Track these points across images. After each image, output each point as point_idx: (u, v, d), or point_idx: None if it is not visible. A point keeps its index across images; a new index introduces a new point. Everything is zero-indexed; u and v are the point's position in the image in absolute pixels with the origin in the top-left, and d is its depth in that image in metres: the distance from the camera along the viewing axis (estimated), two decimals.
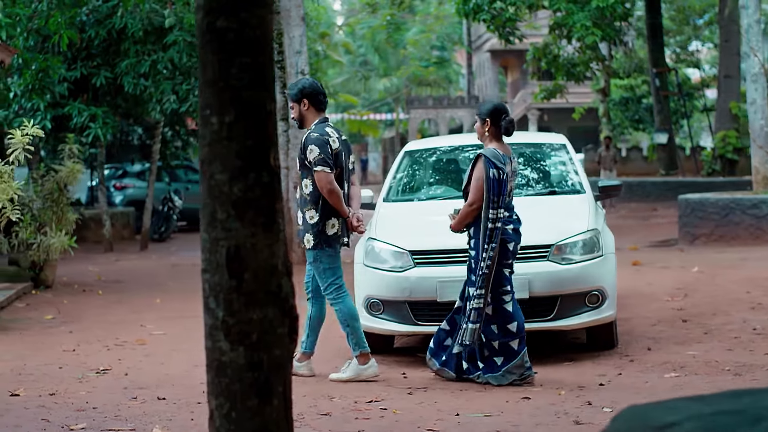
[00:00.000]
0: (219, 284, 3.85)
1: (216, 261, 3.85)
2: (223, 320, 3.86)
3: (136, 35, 20.41)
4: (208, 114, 3.86)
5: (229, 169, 3.83)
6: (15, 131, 11.98)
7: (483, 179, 8.32)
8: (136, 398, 8.03)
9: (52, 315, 13.09)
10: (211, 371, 3.93)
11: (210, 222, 3.87)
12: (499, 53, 61.44)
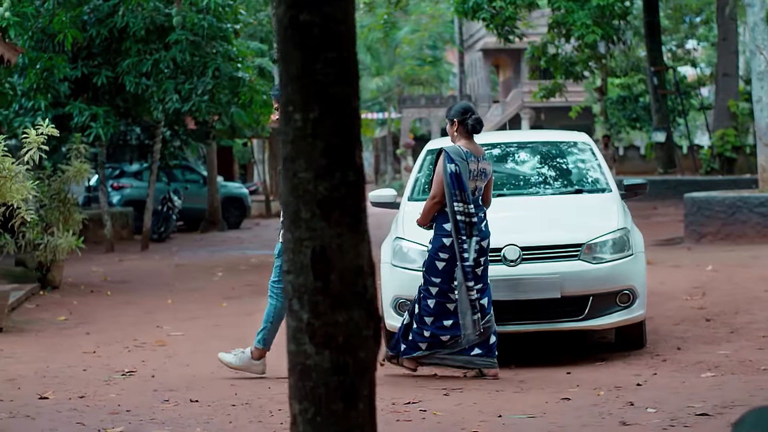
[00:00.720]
0: (303, 285, 3.75)
1: (300, 262, 3.75)
2: (308, 323, 3.76)
3: (138, 34, 20.27)
4: (291, 110, 3.76)
5: (313, 168, 3.73)
6: (29, 130, 11.85)
7: (442, 174, 8.55)
8: (168, 401, 7.92)
9: (64, 316, 12.98)
10: (294, 375, 3.84)
11: (293, 221, 3.77)
12: (491, 52, 61.43)
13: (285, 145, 3.79)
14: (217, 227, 29.90)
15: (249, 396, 7.98)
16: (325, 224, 3.73)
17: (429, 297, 8.65)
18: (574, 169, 10.24)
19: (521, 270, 8.82)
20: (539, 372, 8.62)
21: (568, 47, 30.61)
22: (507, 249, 8.87)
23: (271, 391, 8.20)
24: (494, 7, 26.84)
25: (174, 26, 19.59)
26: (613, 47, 30.38)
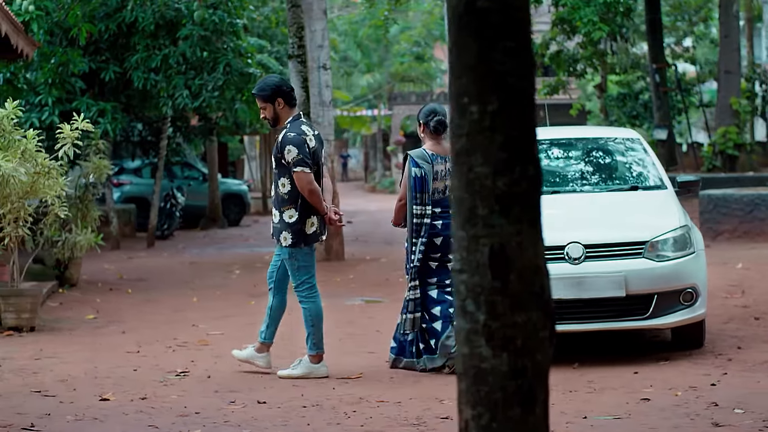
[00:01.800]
0: (480, 285, 3.58)
1: (476, 260, 3.58)
2: (484, 324, 3.58)
3: (147, 29, 20.01)
4: (466, 102, 3.58)
5: (491, 162, 3.56)
6: (64, 126, 11.62)
7: (407, 177, 8.92)
8: (234, 402, 7.74)
9: (91, 314, 12.78)
10: (467, 379, 3.65)
11: (469, 218, 3.60)
12: None
13: (458, 138, 3.61)
14: (217, 224, 29.65)
15: (316, 397, 7.81)
16: (504, 221, 3.56)
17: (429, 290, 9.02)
18: (628, 165, 10.09)
19: (585, 268, 8.66)
20: (605, 371, 8.46)
21: (569, 44, 30.51)
22: (570, 247, 8.71)
23: (336, 392, 8.04)
24: None
25: (195, 20, 19.30)
26: (615, 44, 30.27)
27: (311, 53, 18.55)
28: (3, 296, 11.46)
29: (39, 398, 7.99)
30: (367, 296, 14.19)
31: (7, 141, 11.41)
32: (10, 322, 11.43)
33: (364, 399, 7.69)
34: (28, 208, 11.52)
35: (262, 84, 8.89)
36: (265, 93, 8.75)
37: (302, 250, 8.71)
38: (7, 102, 11.49)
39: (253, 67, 21.28)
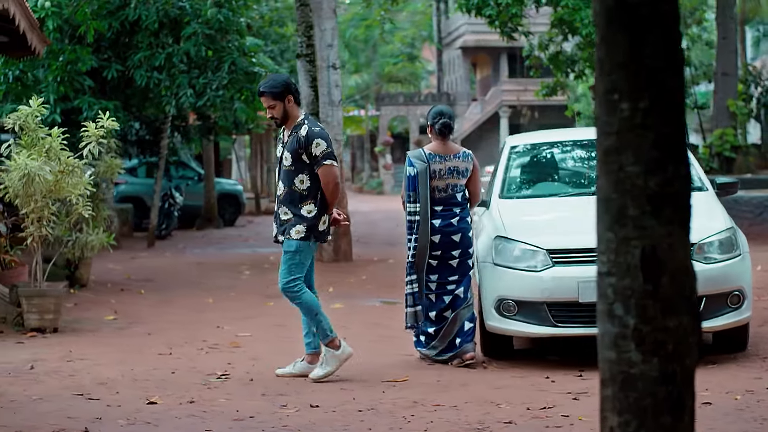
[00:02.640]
0: (630, 288, 3.46)
1: (626, 263, 3.46)
2: (635, 328, 3.46)
3: (151, 27, 19.81)
4: (616, 99, 3.46)
5: (643, 161, 3.44)
6: (89, 124, 11.45)
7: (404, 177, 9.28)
8: (286, 406, 7.60)
9: (110, 315, 12.62)
10: (614, 385, 3.53)
11: (618, 219, 3.48)
12: (470, 50, 61.22)
13: (607, 136, 3.49)
14: (213, 224, 29.48)
15: (369, 401, 7.68)
16: (656, 222, 3.45)
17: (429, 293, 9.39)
18: None
19: None
20: None
21: (566, 45, 30.43)
22: None
23: (387, 395, 7.91)
24: (499, 4, 26.57)
25: (209, 18, 19.10)
26: None
27: (320, 52, 18.41)
28: (26, 297, 11.29)
29: (84, 401, 7.83)
30: (384, 297, 14.06)
31: (31, 139, 11.24)
32: (33, 323, 11.26)
33: (419, 403, 7.56)
34: (51, 208, 11.35)
35: (271, 82, 8.68)
36: (276, 90, 8.57)
37: (309, 245, 8.58)
38: (31, 100, 11.33)
39: (258, 66, 21.13)
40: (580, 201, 9.53)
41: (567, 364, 8.87)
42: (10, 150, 11.19)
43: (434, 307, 9.27)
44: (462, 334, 9.15)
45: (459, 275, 9.22)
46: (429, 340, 9.24)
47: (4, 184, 11.24)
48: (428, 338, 9.24)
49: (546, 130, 11.30)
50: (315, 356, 8.74)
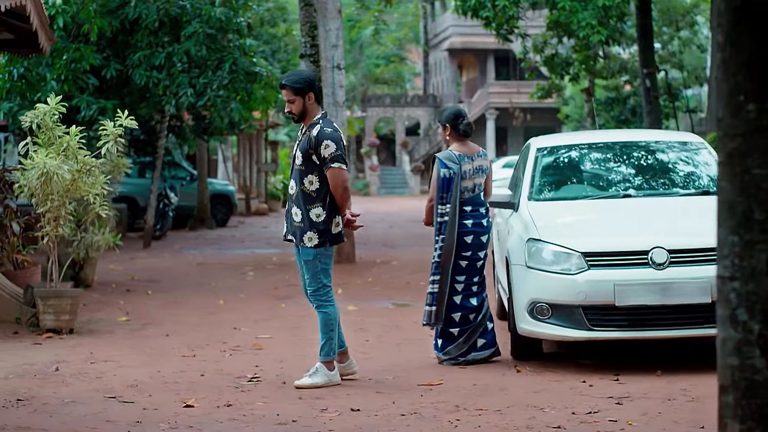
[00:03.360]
0: (755, 293, 3.39)
1: (751, 267, 3.40)
2: (759, 334, 3.39)
3: (151, 26, 19.68)
4: (742, 101, 3.39)
5: None
6: (107, 122, 11.32)
7: (435, 179, 9.24)
8: (326, 410, 7.50)
9: (122, 317, 12.50)
10: (736, 391, 3.46)
11: (743, 223, 3.42)
12: (457, 52, 61.21)
13: (731, 138, 3.42)
14: (205, 225, 29.34)
15: (409, 405, 7.59)
16: None
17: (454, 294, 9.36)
18: (696, 168, 9.94)
19: (670, 274, 8.49)
20: (691, 379, 8.26)
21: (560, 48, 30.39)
22: (654, 252, 8.54)
23: (426, 399, 7.81)
24: (497, 6, 26.51)
25: (219, 16, 18.96)
26: (608, 48, 30.21)
27: (325, 53, 18.31)
28: (42, 298, 11.16)
29: (117, 404, 7.72)
30: (394, 299, 13.98)
31: (48, 137, 11.12)
32: (49, 323, 11.14)
33: (461, 407, 7.48)
34: (68, 207, 11.22)
35: (294, 76, 8.49)
36: (298, 86, 8.34)
37: (327, 251, 8.42)
38: (49, 98, 11.20)
39: (259, 66, 21.02)
40: (611, 204, 9.47)
41: (600, 368, 8.79)
42: (28, 149, 11.04)
43: (459, 309, 9.26)
44: (485, 334, 9.23)
45: (482, 277, 9.35)
46: (448, 343, 9.21)
47: (20, 182, 11.11)
48: (448, 340, 9.22)
49: (569, 133, 11.21)
50: (342, 354, 8.60)
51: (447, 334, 9.26)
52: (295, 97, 8.36)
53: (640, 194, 9.65)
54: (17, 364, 9.34)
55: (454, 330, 9.22)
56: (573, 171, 10.12)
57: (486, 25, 27.47)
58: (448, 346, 9.23)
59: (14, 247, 12.46)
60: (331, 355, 8.41)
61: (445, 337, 9.26)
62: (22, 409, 7.55)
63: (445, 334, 9.26)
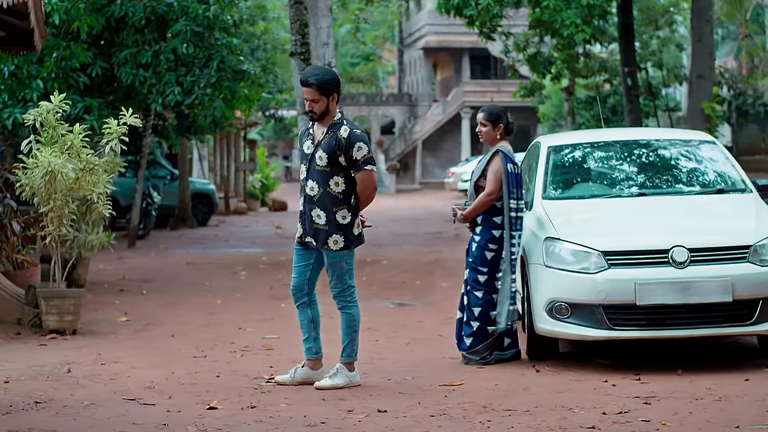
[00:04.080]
0: None
1: None
2: None
3: (137, 24, 19.51)
4: None
5: None
6: (110, 120, 11.16)
7: (501, 172, 9.01)
8: (352, 410, 7.42)
9: (121, 317, 12.40)
10: None
11: None
12: (432, 51, 61.19)
13: None
14: (187, 224, 29.15)
15: (435, 406, 7.51)
16: None
17: (477, 288, 9.12)
18: (710, 167, 9.90)
19: (691, 272, 8.45)
20: (714, 378, 8.22)
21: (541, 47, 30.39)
22: (675, 251, 8.49)
23: (451, 400, 7.74)
24: (480, 5, 26.46)
25: (207, 15, 18.81)
26: (590, 47, 30.23)
27: (316, 51, 18.17)
28: (45, 298, 11.03)
29: (138, 407, 7.61)
30: (392, 299, 13.91)
31: (50, 135, 10.97)
32: (53, 324, 11.01)
33: (488, 407, 7.41)
34: (71, 206, 11.08)
35: (322, 75, 8.21)
36: (326, 86, 8.11)
37: (351, 252, 8.34)
38: (52, 96, 11.07)
39: (247, 64, 20.88)
40: (627, 202, 9.43)
41: (620, 368, 8.75)
42: (31, 147, 10.90)
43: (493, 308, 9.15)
44: (510, 334, 9.19)
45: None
46: (478, 342, 9.10)
47: (22, 181, 10.96)
48: (479, 339, 9.09)
49: (579, 131, 11.15)
50: (316, 362, 8.46)
51: (482, 333, 9.09)
52: (321, 97, 8.11)
53: (655, 193, 9.61)
54: (27, 365, 9.21)
55: (490, 329, 9.07)
56: (586, 169, 10.06)
57: (469, 24, 27.44)
58: (478, 345, 9.10)
59: (14, 247, 12.30)
60: (353, 356, 8.34)
61: (478, 336, 9.09)
62: (42, 411, 7.44)
63: (480, 333, 9.09)
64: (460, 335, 9.30)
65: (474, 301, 9.12)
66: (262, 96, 28.00)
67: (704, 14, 29.55)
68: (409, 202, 43.95)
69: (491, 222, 9.12)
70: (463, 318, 9.23)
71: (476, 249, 9.17)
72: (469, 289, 9.17)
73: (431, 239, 24.27)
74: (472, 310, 9.13)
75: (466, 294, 9.21)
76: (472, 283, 9.17)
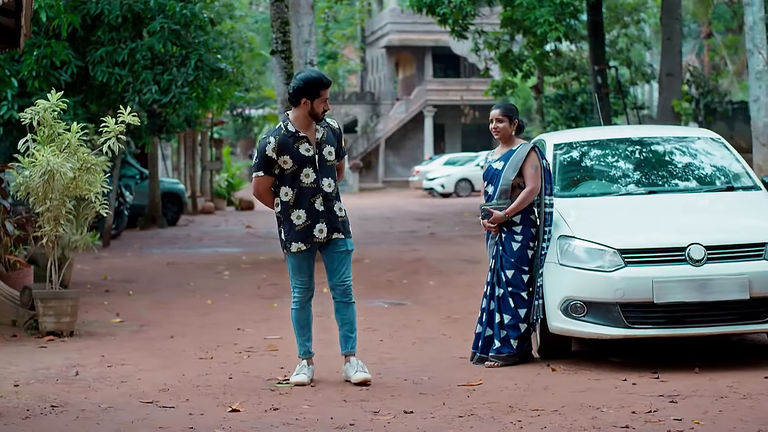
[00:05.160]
0: None
1: None
2: None
3: (113, 22, 19.30)
4: None
5: None
6: (108, 119, 11.00)
7: (540, 168, 9.00)
8: (378, 412, 7.33)
9: (113, 318, 12.27)
10: None
11: None
12: (394, 49, 61.14)
13: None
14: (157, 224, 28.92)
15: (460, 406, 7.44)
16: None
17: (522, 288, 8.96)
18: (718, 165, 9.88)
19: (707, 270, 8.42)
20: (733, 376, 8.19)
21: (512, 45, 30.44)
22: (692, 248, 8.46)
23: (474, 400, 7.67)
24: (452, 3, 26.46)
25: (184, 12, 18.62)
26: (560, 45, 30.31)
27: (297, 49, 18.12)
28: (42, 299, 10.86)
29: (158, 410, 7.49)
30: (383, 298, 13.83)
31: (46, 134, 10.80)
32: (50, 326, 10.85)
33: (515, 408, 7.35)
34: (68, 206, 10.91)
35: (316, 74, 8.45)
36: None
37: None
38: (49, 94, 10.90)
39: (224, 62, 20.73)
40: (638, 200, 9.40)
41: (635, 366, 8.72)
42: (28, 146, 10.72)
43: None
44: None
45: None
46: (522, 344, 8.97)
47: (17, 180, 10.79)
48: (523, 342, 8.97)
49: (583, 128, 11.12)
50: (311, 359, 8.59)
51: (528, 334, 9.00)
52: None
53: (665, 190, 9.59)
54: (33, 368, 9.07)
55: (522, 325, 8.95)
56: (593, 167, 10.01)
57: (441, 22, 27.45)
58: (524, 346, 8.97)
59: (7, 248, 12.11)
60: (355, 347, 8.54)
61: (525, 338, 8.96)
62: (61, 416, 7.31)
63: (527, 335, 8.98)
64: (485, 345, 9.06)
65: (520, 302, 8.92)
66: (234, 95, 27.84)
67: (674, 12, 29.72)
68: (374, 201, 43.84)
69: (529, 220, 9.03)
70: (502, 321, 8.95)
71: (519, 249, 8.95)
72: (512, 291, 8.93)
73: (407, 238, 24.22)
74: (517, 312, 8.91)
75: (510, 296, 8.92)
76: (517, 284, 8.94)
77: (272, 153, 8.19)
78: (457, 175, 46.95)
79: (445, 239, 23.59)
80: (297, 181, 8.22)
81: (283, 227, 8.34)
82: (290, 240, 8.30)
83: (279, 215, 8.36)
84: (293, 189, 8.24)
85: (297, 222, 8.25)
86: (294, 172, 8.22)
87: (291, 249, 8.32)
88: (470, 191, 46.04)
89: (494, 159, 9.30)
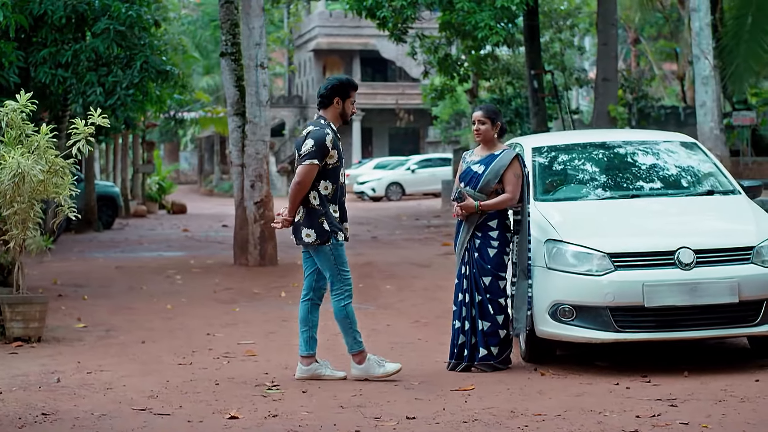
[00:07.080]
0: None
1: None
2: None
3: (57, 22, 18.98)
4: None
5: None
6: (77, 121, 10.78)
7: (522, 176, 8.94)
8: (380, 418, 7.25)
9: (76, 323, 12.11)
10: None
11: None
12: (322, 53, 60.97)
13: None
14: (92, 227, 28.51)
15: (461, 411, 7.38)
16: None
17: (500, 295, 8.90)
18: (696, 169, 9.91)
19: (696, 274, 8.44)
20: (725, 379, 8.22)
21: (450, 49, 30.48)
22: (681, 252, 8.48)
23: (472, 405, 7.62)
24: (393, 6, 26.40)
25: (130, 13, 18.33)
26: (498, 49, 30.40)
27: (248, 51, 17.94)
28: (9, 304, 10.64)
29: (154, 417, 7.35)
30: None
31: (13, 136, 10.56)
32: (17, 332, 10.63)
33: (516, 413, 7.30)
34: (37, 210, 10.69)
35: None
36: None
37: None
38: (18, 95, 10.67)
39: (170, 65, 20.49)
40: (622, 204, 9.38)
41: (622, 370, 8.73)
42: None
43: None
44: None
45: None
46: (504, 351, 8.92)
47: None
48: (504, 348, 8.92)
49: (560, 132, 11.11)
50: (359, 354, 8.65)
51: (508, 340, 8.95)
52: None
53: (647, 194, 9.60)
54: (10, 375, 8.89)
55: (501, 332, 8.89)
56: (573, 171, 9.99)
57: (380, 26, 27.36)
58: (505, 353, 8.94)
59: None
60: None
61: (505, 344, 8.91)
62: (56, 424, 7.15)
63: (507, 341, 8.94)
64: (461, 348, 8.98)
65: (498, 309, 8.86)
66: (174, 97, 27.55)
67: (610, 17, 29.91)
68: None
69: (505, 226, 8.99)
70: (482, 329, 8.86)
71: (495, 255, 8.88)
72: (491, 298, 8.84)
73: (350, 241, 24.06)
74: (496, 318, 8.84)
75: (489, 303, 8.83)
76: (494, 290, 8.85)
77: (330, 144, 8.34)
78: (388, 179, 46.89)
79: (388, 243, 23.54)
80: (337, 177, 8.43)
81: (326, 218, 8.38)
82: (337, 229, 8.41)
83: (318, 207, 8.39)
84: (333, 184, 8.41)
85: (336, 215, 8.41)
86: (335, 168, 8.43)
87: (338, 238, 8.42)
88: (401, 195, 46.03)
89: (474, 161, 9.16)
